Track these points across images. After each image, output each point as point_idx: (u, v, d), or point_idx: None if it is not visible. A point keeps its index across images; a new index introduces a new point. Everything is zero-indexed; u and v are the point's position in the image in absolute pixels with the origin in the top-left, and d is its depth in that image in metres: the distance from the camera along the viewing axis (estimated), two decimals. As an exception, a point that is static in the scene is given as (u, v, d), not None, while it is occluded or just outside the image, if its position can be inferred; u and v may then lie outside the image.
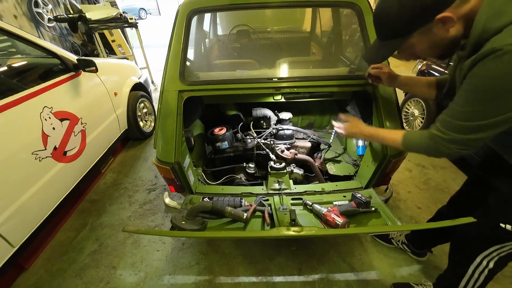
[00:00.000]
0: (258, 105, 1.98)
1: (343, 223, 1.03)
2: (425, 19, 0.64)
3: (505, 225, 0.82)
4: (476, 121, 0.64)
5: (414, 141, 0.82)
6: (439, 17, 0.61)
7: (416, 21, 0.65)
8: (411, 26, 0.67)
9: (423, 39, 0.69)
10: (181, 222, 1.00)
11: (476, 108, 0.63)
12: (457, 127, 0.67)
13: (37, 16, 3.68)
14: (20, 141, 1.33)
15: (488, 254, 0.92)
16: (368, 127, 1.03)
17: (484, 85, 0.60)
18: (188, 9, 1.34)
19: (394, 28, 0.70)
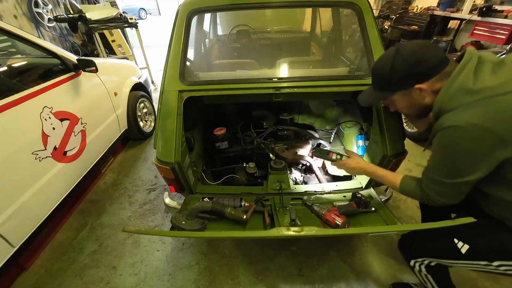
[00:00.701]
0: (258, 105, 1.98)
1: (343, 223, 1.03)
2: (407, 85, 0.81)
3: (458, 240, 0.88)
4: (445, 179, 0.78)
5: (410, 191, 0.93)
6: (417, 86, 0.79)
7: (400, 84, 0.82)
8: (396, 86, 0.84)
9: (404, 99, 0.86)
10: (181, 222, 1.00)
11: (442, 165, 0.78)
12: (438, 183, 0.80)
13: (37, 16, 3.68)
14: (20, 141, 1.33)
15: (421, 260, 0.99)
16: (368, 164, 1.10)
17: (443, 151, 0.76)
18: (188, 9, 1.34)
19: (383, 83, 0.86)
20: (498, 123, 0.65)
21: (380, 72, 0.86)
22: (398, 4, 6.22)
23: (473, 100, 0.69)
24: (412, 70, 0.78)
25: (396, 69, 0.80)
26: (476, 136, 0.67)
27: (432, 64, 0.76)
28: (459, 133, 0.70)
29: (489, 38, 4.13)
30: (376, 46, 1.28)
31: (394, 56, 0.80)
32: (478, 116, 0.67)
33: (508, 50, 1.95)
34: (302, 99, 1.87)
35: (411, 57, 0.77)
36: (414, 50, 0.77)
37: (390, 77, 0.82)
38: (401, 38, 5.94)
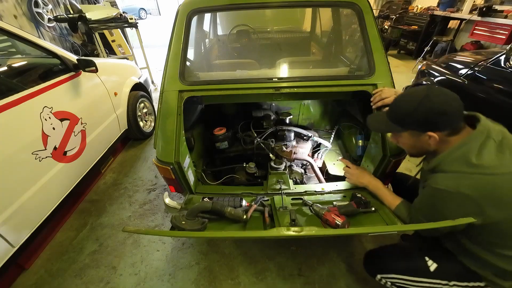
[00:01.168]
0: (258, 105, 1.98)
1: (343, 223, 1.03)
2: (421, 128, 0.85)
3: (429, 259, 0.97)
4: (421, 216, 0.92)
5: (401, 215, 1.06)
6: (429, 133, 0.83)
7: (416, 125, 0.86)
8: (411, 126, 0.87)
9: (411, 139, 0.91)
10: (181, 222, 0.99)
11: (429, 214, 0.89)
12: (420, 220, 0.93)
13: (37, 16, 3.68)
14: (20, 141, 1.33)
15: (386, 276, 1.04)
16: (371, 180, 1.21)
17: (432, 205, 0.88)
18: (188, 9, 1.34)
19: (400, 118, 0.89)
20: (483, 197, 0.75)
21: (402, 108, 0.87)
22: (398, 4, 6.22)
23: (470, 172, 0.77)
24: (433, 119, 0.81)
25: (419, 112, 0.82)
26: (462, 202, 0.78)
27: (452, 119, 0.81)
28: (449, 197, 0.79)
29: (489, 38, 4.13)
30: (376, 46, 1.28)
31: (423, 98, 0.81)
32: (469, 187, 0.76)
33: (508, 50, 1.95)
34: (302, 99, 1.87)
35: (439, 106, 0.79)
36: (443, 101, 0.80)
37: (410, 116, 0.84)
38: (401, 38, 5.95)
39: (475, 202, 0.76)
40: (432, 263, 0.96)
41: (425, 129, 0.84)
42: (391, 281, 1.03)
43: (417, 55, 5.33)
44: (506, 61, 1.91)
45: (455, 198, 0.78)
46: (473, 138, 0.80)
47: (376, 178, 1.22)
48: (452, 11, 4.72)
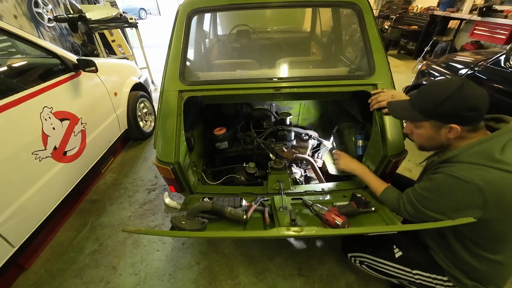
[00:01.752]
0: (258, 105, 1.98)
1: (343, 223, 1.03)
2: (445, 120, 0.82)
3: (395, 247, 1.06)
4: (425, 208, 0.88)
5: (388, 200, 1.08)
6: (452, 125, 0.81)
7: (441, 116, 0.82)
8: (435, 116, 0.84)
9: (431, 130, 0.88)
10: (181, 222, 0.99)
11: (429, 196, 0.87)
12: (413, 205, 0.92)
13: (37, 16, 3.67)
14: (20, 141, 1.33)
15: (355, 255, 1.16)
16: (359, 166, 1.27)
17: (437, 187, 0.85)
18: (188, 9, 1.34)
19: (427, 107, 0.85)
20: (493, 191, 0.74)
21: (431, 96, 0.83)
22: (398, 4, 6.22)
23: (490, 165, 0.75)
24: (462, 112, 0.78)
25: (450, 103, 0.78)
26: (471, 193, 0.76)
27: (479, 115, 0.79)
28: (460, 186, 0.77)
29: (489, 38, 4.13)
30: (376, 46, 1.28)
31: (457, 88, 0.78)
32: (484, 180, 0.74)
33: (508, 50, 1.95)
34: (302, 99, 1.87)
35: (471, 100, 0.77)
36: (476, 95, 0.77)
37: (438, 105, 0.81)
38: (401, 38, 5.95)
39: (484, 195, 0.74)
40: (398, 251, 1.04)
41: (450, 121, 0.81)
42: (360, 260, 1.14)
43: (417, 55, 5.33)
44: (506, 61, 1.91)
45: (466, 188, 0.77)
46: (499, 135, 0.79)
47: (362, 165, 1.28)
48: (452, 11, 4.72)
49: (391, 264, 1.05)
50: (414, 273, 1.01)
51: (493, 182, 0.74)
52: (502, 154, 0.75)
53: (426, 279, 0.99)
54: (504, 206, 0.76)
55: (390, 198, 1.07)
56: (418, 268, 1.00)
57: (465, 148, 0.81)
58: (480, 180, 0.75)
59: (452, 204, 0.81)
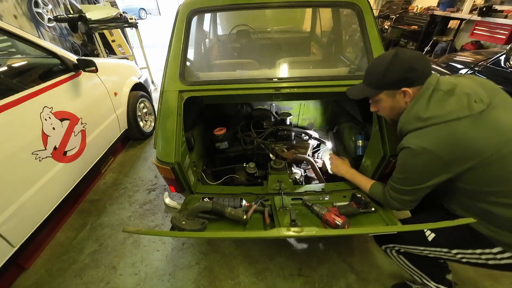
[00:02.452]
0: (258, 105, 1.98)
1: (343, 224, 1.03)
2: (396, 86, 0.89)
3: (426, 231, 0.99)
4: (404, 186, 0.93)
5: (375, 194, 1.12)
6: (404, 89, 0.87)
7: (390, 84, 0.90)
8: (386, 86, 0.91)
9: (388, 99, 0.94)
10: (181, 222, 0.99)
11: (401, 176, 0.93)
12: (394, 188, 0.97)
13: (37, 16, 3.67)
14: (20, 141, 1.33)
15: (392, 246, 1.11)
16: (348, 170, 1.31)
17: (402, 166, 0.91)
18: (188, 9, 1.34)
19: (375, 80, 0.94)
20: (442, 148, 0.78)
21: (375, 70, 0.93)
22: (398, 4, 6.21)
23: (422, 125, 0.82)
24: (405, 74, 0.86)
25: (391, 70, 0.87)
26: (425, 157, 0.81)
27: (421, 74, 0.86)
28: (412, 154, 0.84)
29: (489, 38, 4.13)
30: (376, 46, 1.28)
31: (393, 57, 0.87)
32: (427, 141, 0.80)
33: (508, 50, 1.95)
34: (302, 99, 1.87)
35: (408, 62, 0.85)
36: (411, 57, 0.86)
37: (383, 76, 0.90)
38: (401, 38, 5.94)
39: (437, 156, 0.79)
40: (430, 233, 0.99)
41: (399, 86, 0.88)
42: (395, 249, 1.09)
43: (417, 55, 5.31)
44: (506, 61, 1.91)
45: (418, 155, 0.82)
46: (421, 95, 0.85)
47: (352, 168, 1.32)
48: (452, 11, 4.71)
49: (428, 248, 0.99)
50: (454, 253, 0.94)
51: (435, 139, 0.79)
52: (427, 110, 0.82)
53: (471, 256, 0.91)
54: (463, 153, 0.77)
55: (377, 192, 1.11)
56: (457, 247, 0.93)
57: (404, 117, 0.89)
58: (424, 143, 0.80)
59: (421, 176, 0.86)
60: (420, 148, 0.81)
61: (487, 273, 1.40)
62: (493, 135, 0.76)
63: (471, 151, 0.77)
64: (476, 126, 0.77)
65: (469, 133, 0.77)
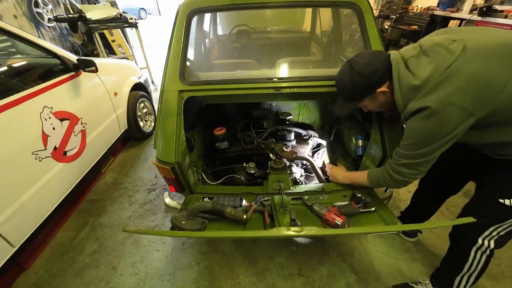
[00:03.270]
0: (258, 105, 1.98)
1: (343, 223, 1.03)
2: (370, 91, 0.92)
3: (503, 199, 0.90)
4: (416, 150, 0.86)
5: (375, 175, 1.07)
6: (379, 90, 0.91)
7: (364, 93, 0.94)
8: (361, 96, 0.95)
9: (373, 102, 0.98)
10: (181, 222, 1.00)
11: (414, 142, 0.86)
12: (405, 155, 0.90)
13: (37, 16, 3.67)
14: (20, 141, 1.33)
15: (488, 234, 0.98)
16: (344, 175, 1.30)
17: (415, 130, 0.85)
18: (188, 9, 1.34)
19: (349, 95, 0.98)
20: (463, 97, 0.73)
21: (344, 88, 0.98)
22: (398, 4, 6.21)
23: (425, 91, 0.78)
24: (369, 81, 0.89)
25: (356, 83, 0.91)
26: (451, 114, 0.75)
27: (383, 71, 0.88)
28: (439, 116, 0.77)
29: (489, 38, 4.11)
30: (376, 46, 1.28)
31: (350, 72, 0.91)
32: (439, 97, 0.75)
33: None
34: (302, 99, 1.87)
35: (365, 70, 0.88)
36: (365, 64, 0.89)
37: (354, 90, 0.94)
38: (401, 38, 5.94)
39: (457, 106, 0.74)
40: (509, 201, 0.89)
41: (372, 90, 0.91)
42: (488, 239, 0.98)
43: (417, 55, 5.32)
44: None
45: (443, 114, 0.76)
46: (397, 73, 0.85)
47: (347, 172, 1.32)
48: (452, 11, 4.71)
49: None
50: None
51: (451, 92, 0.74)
52: (415, 77, 0.80)
53: None
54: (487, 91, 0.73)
55: (375, 176, 1.06)
56: None
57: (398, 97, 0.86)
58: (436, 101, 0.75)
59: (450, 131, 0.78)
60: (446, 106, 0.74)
61: (488, 273, 1.39)
62: (495, 58, 0.73)
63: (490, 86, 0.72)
64: (473, 61, 0.73)
65: (476, 70, 0.72)
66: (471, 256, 1.04)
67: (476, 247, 1.01)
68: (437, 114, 0.76)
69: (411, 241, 1.58)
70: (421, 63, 0.81)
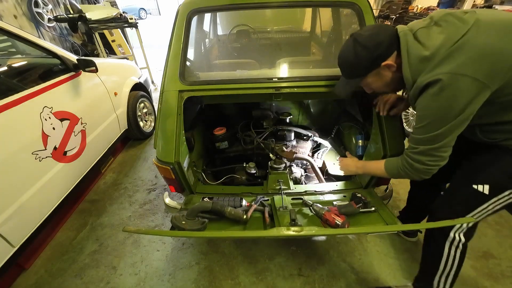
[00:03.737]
0: (258, 105, 1.98)
1: (343, 223, 1.03)
2: (375, 66, 0.86)
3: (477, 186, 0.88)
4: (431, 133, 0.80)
5: (393, 165, 0.97)
6: (384, 64, 0.84)
7: (368, 67, 0.88)
8: (365, 70, 0.89)
9: (377, 79, 0.91)
10: (181, 222, 1.00)
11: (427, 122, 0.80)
12: (421, 140, 0.83)
13: (37, 16, 3.68)
14: (20, 141, 1.33)
15: (459, 226, 0.96)
16: (357, 164, 1.21)
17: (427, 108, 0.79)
18: (188, 9, 1.34)
19: (352, 71, 0.92)
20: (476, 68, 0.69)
21: (346, 63, 0.92)
22: (398, 4, 6.22)
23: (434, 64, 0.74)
24: (374, 53, 0.84)
25: (360, 56, 0.86)
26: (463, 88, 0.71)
27: (389, 43, 0.83)
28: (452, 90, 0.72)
29: (489, 38, 4.12)
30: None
31: (353, 45, 0.86)
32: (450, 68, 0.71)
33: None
34: (302, 99, 1.87)
35: (369, 42, 0.83)
36: (369, 35, 0.84)
37: (357, 64, 0.88)
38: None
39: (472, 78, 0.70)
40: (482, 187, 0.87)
41: (377, 64, 0.85)
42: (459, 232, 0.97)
43: (417, 55, 5.33)
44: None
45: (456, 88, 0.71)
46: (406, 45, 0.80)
47: (360, 161, 1.24)
48: (452, 11, 4.72)
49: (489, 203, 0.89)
50: None
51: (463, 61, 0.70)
52: (425, 48, 0.76)
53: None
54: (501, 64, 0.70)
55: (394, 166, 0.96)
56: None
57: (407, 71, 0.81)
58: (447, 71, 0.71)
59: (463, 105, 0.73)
60: (450, 74, 0.70)
61: (488, 273, 1.40)
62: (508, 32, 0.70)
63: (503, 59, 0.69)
64: (487, 33, 0.70)
65: (490, 41, 0.69)
66: (445, 252, 1.01)
67: (449, 242, 0.99)
68: (449, 88, 0.71)
69: (411, 241, 1.58)
70: (432, 34, 0.77)
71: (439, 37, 0.75)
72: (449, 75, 0.71)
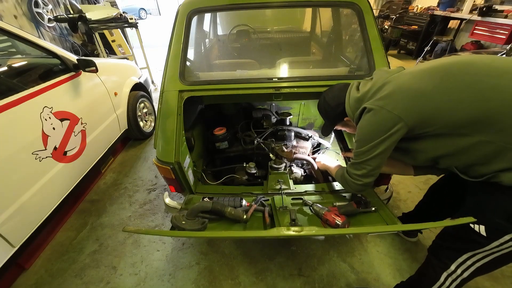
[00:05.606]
0: (258, 105, 1.98)
1: (343, 223, 1.03)
2: (339, 119, 1.12)
3: (473, 225, 0.84)
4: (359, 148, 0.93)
5: (338, 176, 1.12)
6: (346, 119, 1.08)
7: (335, 120, 1.14)
8: (334, 121, 1.15)
9: (346, 127, 1.22)
10: (181, 222, 1.00)
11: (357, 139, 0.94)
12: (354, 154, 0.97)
13: (37, 16, 3.68)
14: (20, 141, 1.33)
15: (462, 261, 0.92)
16: (325, 162, 1.37)
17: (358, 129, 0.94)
18: (188, 9, 1.34)
19: (326, 119, 1.18)
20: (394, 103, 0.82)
21: (321, 113, 1.16)
22: (398, 4, 6.22)
23: (364, 101, 0.91)
24: (336, 111, 1.06)
25: (327, 111, 1.10)
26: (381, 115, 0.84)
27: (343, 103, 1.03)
28: (371, 114, 0.87)
29: (489, 38, 4.13)
30: (376, 46, 1.28)
31: (323, 102, 1.10)
32: (376, 104, 0.85)
33: (509, 50, 1.95)
34: (302, 99, 1.87)
35: (332, 102, 1.07)
36: (332, 97, 1.07)
37: (326, 116, 1.14)
38: (401, 38, 5.95)
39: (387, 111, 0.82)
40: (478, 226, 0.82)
41: (340, 118, 1.09)
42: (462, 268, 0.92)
43: (417, 55, 5.33)
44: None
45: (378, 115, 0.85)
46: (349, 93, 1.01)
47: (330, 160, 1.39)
48: (452, 11, 4.72)
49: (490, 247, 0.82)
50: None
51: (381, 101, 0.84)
52: (358, 91, 0.96)
53: None
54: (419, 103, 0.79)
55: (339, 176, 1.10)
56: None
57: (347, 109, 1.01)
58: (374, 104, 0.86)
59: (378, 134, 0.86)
60: (376, 106, 0.85)
61: (488, 274, 1.39)
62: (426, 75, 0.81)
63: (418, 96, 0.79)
64: (405, 76, 0.85)
65: (406, 81, 0.83)
66: (440, 281, 0.99)
67: (448, 273, 0.96)
68: (373, 112, 0.86)
69: (411, 241, 1.58)
70: (366, 83, 0.96)
71: (369, 83, 0.94)
72: (371, 105, 0.87)
